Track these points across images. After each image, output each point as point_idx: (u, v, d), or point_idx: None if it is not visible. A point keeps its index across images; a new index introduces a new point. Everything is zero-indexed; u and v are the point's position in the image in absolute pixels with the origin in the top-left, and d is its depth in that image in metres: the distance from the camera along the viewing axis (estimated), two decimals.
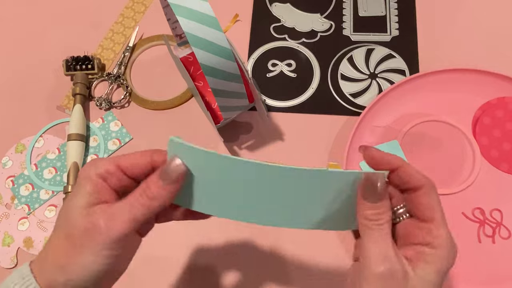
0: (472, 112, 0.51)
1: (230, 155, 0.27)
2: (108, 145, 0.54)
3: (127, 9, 0.63)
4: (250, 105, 0.48)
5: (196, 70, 0.54)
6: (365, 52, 0.57)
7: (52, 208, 0.51)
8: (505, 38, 0.56)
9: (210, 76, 0.37)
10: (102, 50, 0.60)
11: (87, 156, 0.54)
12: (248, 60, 0.58)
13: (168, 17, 0.49)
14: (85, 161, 0.53)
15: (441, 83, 0.52)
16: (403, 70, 0.56)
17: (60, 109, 0.57)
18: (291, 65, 0.57)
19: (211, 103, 0.52)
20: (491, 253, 0.45)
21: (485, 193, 0.48)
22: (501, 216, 0.47)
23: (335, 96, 0.55)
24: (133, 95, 0.56)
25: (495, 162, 0.49)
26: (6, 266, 0.49)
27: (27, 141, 0.55)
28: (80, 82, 0.55)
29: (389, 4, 0.60)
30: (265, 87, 0.56)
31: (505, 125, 0.50)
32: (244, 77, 0.46)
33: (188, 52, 0.54)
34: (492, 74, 0.51)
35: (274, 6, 0.62)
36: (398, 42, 0.57)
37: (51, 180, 0.53)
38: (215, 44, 0.36)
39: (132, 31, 0.61)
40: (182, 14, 0.34)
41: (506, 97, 0.51)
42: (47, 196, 0.52)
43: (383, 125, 0.51)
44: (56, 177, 0.53)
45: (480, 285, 0.44)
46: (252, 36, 0.60)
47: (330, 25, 0.60)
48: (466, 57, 0.55)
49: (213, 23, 0.35)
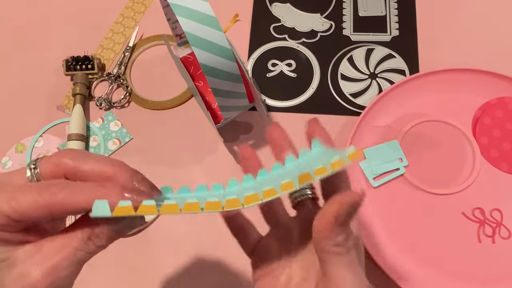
0: (472, 112, 0.51)
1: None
2: (108, 145, 0.54)
3: (127, 9, 0.63)
4: (250, 105, 0.48)
5: (196, 70, 0.54)
6: (365, 52, 0.57)
7: None
8: (505, 38, 0.56)
9: (210, 76, 0.37)
10: (102, 50, 0.60)
11: None
12: (248, 60, 0.58)
13: (168, 17, 0.49)
14: None
15: (441, 83, 0.52)
16: (403, 70, 0.56)
17: (60, 109, 0.57)
18: (291, 65, 0.57)
19: (211, 103, 0.52)
20: (491, 253, 0.45)
21: (485, 193, 0.48)
22: (501, 216, 0.47)
23: (335, 96, 0.55)
24: (133, 95, 0.56)
25: (495, 162, 0.49)
26: None
27: (27, 141, 0.55)
28: (80, 82, 0.55)
29: (389, 4, 0.60)
30: (265, 87, 0.56)
31: (505, 125, 0.50)
32: (244, 77, 0.46)
33: (188, 52, 0.54)
34: (492, 74, 0.51)
35: (274, 6, 0.62)
36: (398, 42, 0.57)
37: None
38: (215, 44, 0.36)
39: (132, 31, 0.61)
40: (182, 14, 0.34)
41: (506, 97, 0.51)
42: None
43: (383, 125, 0.51)
44: None
45: (480, 285, 0.44)
46: (252, 36, 0.60)
47: (330, 25, 0.60)
48: (466, 57, 0.55)
49: (213, 23, 0.35)
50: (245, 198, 0.23)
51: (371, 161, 0.49)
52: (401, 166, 0.49)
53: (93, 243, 0.23)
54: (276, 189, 0.23)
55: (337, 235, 0.23)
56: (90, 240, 0.23)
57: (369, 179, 0.49)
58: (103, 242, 0.24)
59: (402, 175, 0.49)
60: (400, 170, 0.49)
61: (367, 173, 0.49)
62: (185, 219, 0.49)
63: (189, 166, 0.52)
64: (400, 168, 0.49)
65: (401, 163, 0.49)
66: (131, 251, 0.48)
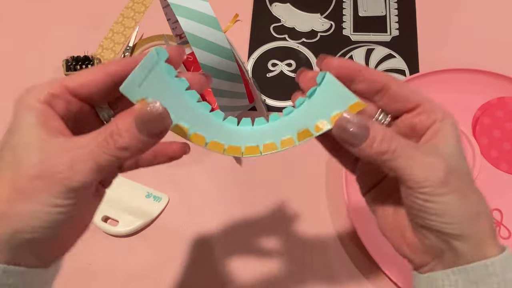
0: (472, 112, 0.51)
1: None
2: None
3: (127, 9, 0.63)
4: (250, 105, 0.48)
5: (196, 70, 0.54)
6: (365, 52, 0.57)
7: None
8: (505, 38, 0.56)
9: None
10: (102, 50, 0.60)
11: None
12: (248, 60, 0.58)
13: (168, 17, 0.49)
14: None
15: (441, 83, 0.52)
16: (403, 70, 0.56)
17: None
18: (291, 65, 0.57)
19: (211, 103, 0.52)
20: None
21: (485, 193, 0.47)
22: (501, 216, 0.47)
23: None
24: None
25: (495, 162, 0.49)
26: None
27: None
28: None
29: (389, 4, 0.60)
30: (265, 87, 0.56)
31: (505, 125, 0.50)
32: (244, 77, 0.46)
33: (188, 52, 0.54)
34: (492, 74, 0.51)
35: (274, 6, 0.62)
36: (398, 42, 0.57)
37: None
38: (215, 44, 0.36)
39: (132, 31, 0.61)
40: (182, 14, 0.34)
41: (506, 97, 0.51)
42: None
43: None
44: None
45: None
46: (252, 36, 0.60)
47: (330, 25, 0.60)
48: (466, 57, 0.55)
49: (213, 23, 0.35)
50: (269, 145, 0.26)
51: None
52: None
53: (113, 142, 0.21)
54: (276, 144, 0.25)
55: (367, 150, 0.23)
56: (111, 137, 0.21)
57: None
58: (125, 142, 0.21)
59: None
60: None
61: None
62: (182, 216, 0.49)
63: (189, 166, 0.52)
64: None
65: None
66: (131, 255, 0.48)
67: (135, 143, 0.21)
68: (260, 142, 0.25)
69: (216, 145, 0.25)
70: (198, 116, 0.25)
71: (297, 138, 0.25)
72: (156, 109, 0.21)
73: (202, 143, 0.24)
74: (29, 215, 0.21)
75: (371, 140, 0.23)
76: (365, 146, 0.23)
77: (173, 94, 0.24)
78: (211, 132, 0.25)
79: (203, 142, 0.24)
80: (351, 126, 0.23)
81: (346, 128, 0.23)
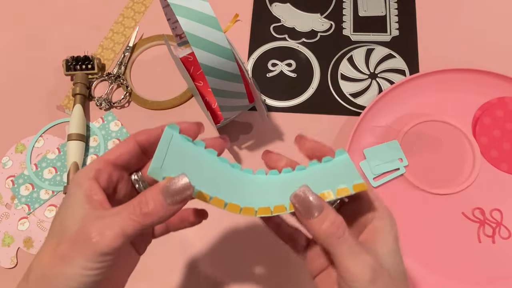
0: (472, 112, 0.51)
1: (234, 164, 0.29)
2: (108, 145, 0.54)
3: (127, 9, 0.63)
4: (250, 105, 0.48)
5: (196, 70, 0.54)
6: (365, 52, 0.57)
7: (52, 208, 0.51)
8: (505, 38, 0.56)
9: (210, 76, 0.37)
10: (102, 50, 0.60)
11: (87, 156, 0.54)
12: (248, 60, 0.58)
13: (168, 17, 0.49)
14: (85, 161, 0.53)
15: (441, 83, 0.52)
16: (403, 70, 0.56)
17: (60, 109, 0.57)
18: (291, 65, 0.57)
19: (211, 103, 0.52)
20: (491, 253, 0.45)
21: (485, 193, 0.48)
22: (501, 216, 0.47)
23: (335, 96, 0.55)
24: (133, 95, 0.56)
25: (495, 162, 0.49)
26: (6, 266, 0.49)
27: (27, 141, 0.55)
28: (80, 82, 0.55)
29: (389, 4, 0.60)
30: (265, 87, 0.56)
31: (505, 125, 0.50)
32: (244, 77, 0.46)
33: (188, 52, 0.54)
34: (492, 74, 0.51)
35: (274, 6, 0.62)
36: (398, 42, 0.57)
37: (51, 180, 0.53)
38: (215, 44, 0.36)
39: (132, 31, 0.61)
40: (182, 14, 0.34)
41: (506, 97, 0.51)
42: (47, 196, 0.52)
43: (383, 125, 0.51)
44: (56, 177, 0.53)
45: (480, 285, 0.44)
46: (252, 36, 0.60)
47: (330, 25, 0.60)
48: (466, 57, 0.55)
49: (213, 23, 0.35)
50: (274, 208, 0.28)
51: (370, 161, 0.49)
52: (401, 166, 0.49)
53: (140, 209, 0.24)
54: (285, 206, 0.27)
55: (317, 226, 0.25)
56: (139, 205, 0.24)
57: (369, 179, 0.49)
58: (150, 208, 0.24)
59: (402, 175, 0.49)
60: (400, 170, 0.49)
61: (367, 173, 0.49)
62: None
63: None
64: (400, 168, 0.49)
65: (401, 163, 0.49)
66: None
67: (159, 209, 0.24)
68: (271, 204, 0.28)
69: (233, 207, 0.27)
70: (217, 174, 0.29)
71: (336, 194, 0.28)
72: (179, 184, 0.24)
73: (221, 205, 0.27)
74: (65, 277, 0.24)
75: (323, 216, 0.25)
76: (317, 221, 0.25)
77: (192, 160, 0.28)
78: (229, 193, 0.28)
79: (222, 205, 0.27)
80: (311, 196, 0.26)
81: (306, 197, 0.26)
